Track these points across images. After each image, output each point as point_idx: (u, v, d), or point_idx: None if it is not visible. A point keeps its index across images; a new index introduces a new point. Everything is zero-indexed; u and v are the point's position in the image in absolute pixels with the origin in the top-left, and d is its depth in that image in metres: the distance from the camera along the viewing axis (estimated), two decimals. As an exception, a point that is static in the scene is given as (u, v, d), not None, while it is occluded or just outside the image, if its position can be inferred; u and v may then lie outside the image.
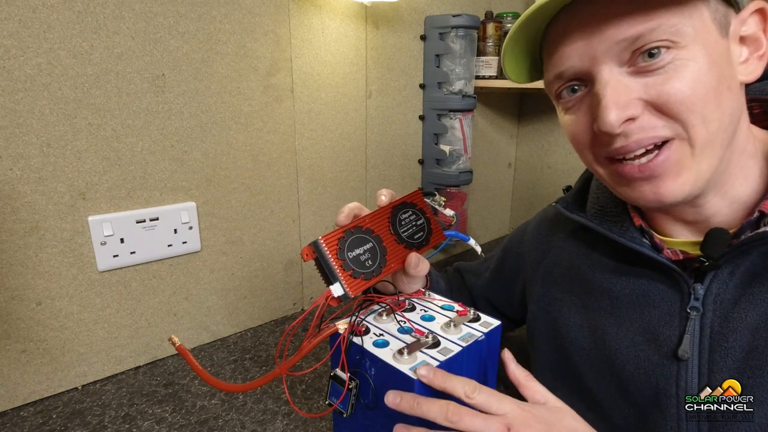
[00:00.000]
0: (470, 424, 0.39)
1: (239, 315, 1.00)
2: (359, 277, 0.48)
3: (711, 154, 0.44)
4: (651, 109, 0.43)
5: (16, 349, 0.74)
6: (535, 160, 1.60)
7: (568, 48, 0.45)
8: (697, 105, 0.42)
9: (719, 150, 0.44)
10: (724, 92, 0.43)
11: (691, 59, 0.41)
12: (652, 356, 0.50)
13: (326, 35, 1.01)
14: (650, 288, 0.52)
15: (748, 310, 0.45)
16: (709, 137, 0.43)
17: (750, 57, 0.45)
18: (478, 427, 0.39)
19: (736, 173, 0.47)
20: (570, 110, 0.49)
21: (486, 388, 0.41)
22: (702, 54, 0.42)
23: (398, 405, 0.41)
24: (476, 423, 0.39)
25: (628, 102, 0.43)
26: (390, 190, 0.55)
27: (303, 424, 0.73)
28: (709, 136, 0.43)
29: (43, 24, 0.68)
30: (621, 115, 0.42)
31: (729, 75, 0.43)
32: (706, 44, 0.42)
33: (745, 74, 0.45)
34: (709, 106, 0.42)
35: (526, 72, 0.53)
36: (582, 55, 0.44)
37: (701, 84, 0.41)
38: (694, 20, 0.41)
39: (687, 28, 0.41)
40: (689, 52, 0.41)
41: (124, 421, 0.73)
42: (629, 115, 0.43)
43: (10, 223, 0.70)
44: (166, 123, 0.82)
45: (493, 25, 1.27)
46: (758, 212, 0.45)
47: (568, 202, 0.60)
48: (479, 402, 0.40)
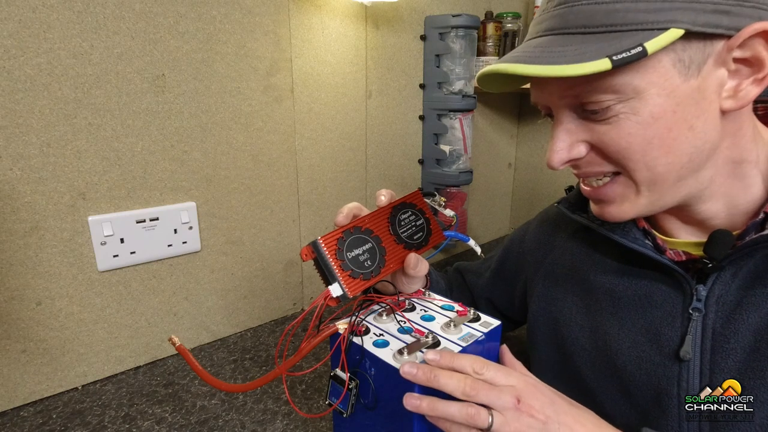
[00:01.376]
0: (485, 396, 0.41)
1: (239, 315, 1.00)
2: (358, 278, 0.48)
3: (657, 190, 0.46)
4: (595, 150, 0.47)
5: (16, 349, 0.74)
6: (535, 160, 1.60)
7: (533, 90, 0.50)
8: (635, 155, 0.44)
9: (669, 185, 0.46)
10: (681, 135, 0.43)
11: (633, 112, 0.43)
12: (653, 357, 0.50)
13: (326, 35, 1.01)
14: (652, 289, 0.52)
15: (751, 312, 0.45)
16: (655, 178, 0.45)
17: (742, 82, 0.42)
18: (492, 400, 0.41)
19: (731, 183, 0.47)
20: None
21: (493, 363, 0.44)
22: (648, 105, 0.42)
23: (415, 376, 0.42)
24: (491, 396, 0.41)
25: (573, 143, 0.47)
26: (389, 191, 0.55)
27: (303, 424, 0.73)
28: (655, 177, 0.45)
29: (43, 24, 0.68)
30: (563, 157, 0.47)
31: (692, 115, 0.42)
32: (660, 93, 0.42)
33: (733, 102, 0.43)
34: (653, 153, 0.44)
35: (508, 87, 0.55)
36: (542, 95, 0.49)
37: (640, 137, 0.43)
38: (645, 74, 0.41)
39: (631, 83, 0.41)
40: (633, 105, 0.42)
41: (124, 421, 0.73)
42: (573, 156, 0.48)
43: (10, 223, 0.70)
44: (166, 123, 0.82)
45: (493, 25, 1.27)
46: (763, 214, 0.45)
47: (570, 202, 0.60)
48: (488, 377, 0.43)
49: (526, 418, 0.41)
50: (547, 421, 0.41)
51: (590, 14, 0.41)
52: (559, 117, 0.47)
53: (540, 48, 0.43)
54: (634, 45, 0.39)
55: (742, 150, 0.46)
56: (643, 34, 0.39)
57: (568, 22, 0.43)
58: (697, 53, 0.41)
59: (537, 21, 0.47)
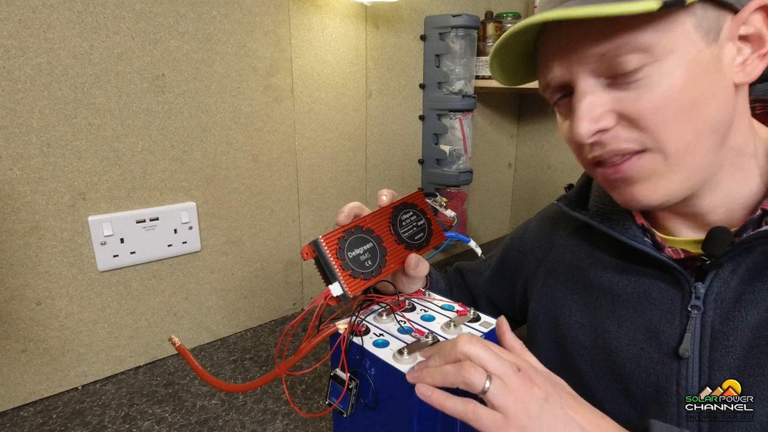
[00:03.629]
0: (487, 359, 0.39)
1: (239, 315, 1.00)
2: (358, 277, 0.48)
3: (687, 163, 0.44)
4: (625, 121, 0.44)
5: (16, 349, 0.74)
6: (535, 160, 1.60)
7: (551, 61, 0.47)
8: (668, 120, 0.42)
9: (699, 158, 0.44)
10: (707, 101, 0.43)
11: (664, 74, 0.42)
12: (652, 354, 0.50)
13: (326, 35, 1.01)
14: (651, 286, 0.52)
15: (749, 309, 0.45)
16: (684, 149, 0.44)
17: (750, 57, 0.44)
18: (494, 366, 0.39)
19: (732, 173, 0.47)
20: (563, 115, 0.50)
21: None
22: (679, 67, 0.42)
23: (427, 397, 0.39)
24: (493, 362, 0.39)
25: (601, 114, 0.44)
26: (391, 191, 0.55)
27: (303, 424, 0.73)
28: (684, 147, 0.44)
29: (43, 24, 0.68)
30: (591, 128, 0.44)
31: (715, 82, 0.43)
32: (686, 56, 0.42)
33: (744, 75, 0.44)
34: (683, 119, 0.42)
35: (517, 76, 0.54)
36: (562, 68, 0.46)
37: (672, 100, 0.42)
38: (672, 33, 0.41)
39: (660, 42, 0.41)
40: (663, 67, 0.42)
41: (124, 421, 0.73)
42: (600, 127, 0.44)
43: (10, 223, 0.70)
44: (166, 123, 0.82)
45: (493, 25, 1.27)
46: (761, 210, 0.45)
47: (570, 200, 0.61)
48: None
49: (527, 387, 0.39)
50: (548, 398, 0.40)
51: None
52: (583, 87, 0.44)
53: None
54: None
55: (742, 136, 0.47)
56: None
57: None
58: (714, 22, 0.42)
59: None
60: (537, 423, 0.38)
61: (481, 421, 0.37)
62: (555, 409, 0.39)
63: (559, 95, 0.49)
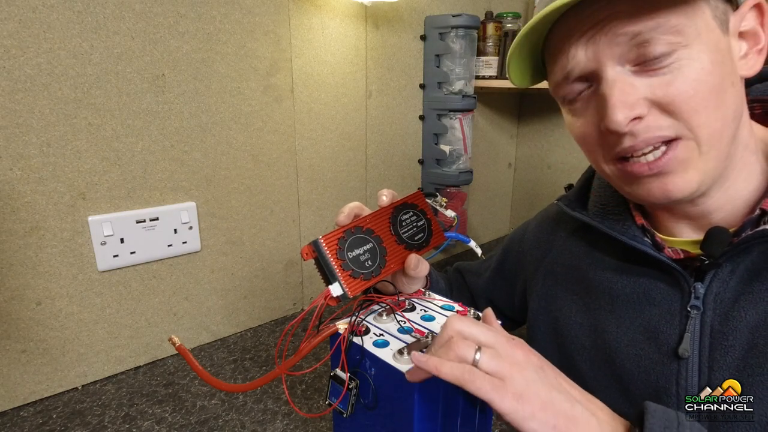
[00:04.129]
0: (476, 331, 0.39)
1: (239, 315, 1.00)
2: (358, 278, 0.48)
3: (717, 151, 0.44)
4: (657, 108, 0.43)
5: (16, 349, 0.74)
6: (535, 160, 1.60)
7: (574, 48, 0.45)
8: (700, 105, 0.42)
9: (725, 146, 0.45)
10: (728, 89, 0.43)
11: (694, 59, 0.42)
12: (652, 355, 0.50)
13: (326, 35, 1.01)
14: (651, 287, 0.52)
15: (748, 309, 0.45)
16: (714, 135, 0.43)
17: (749, 52, 0.46)
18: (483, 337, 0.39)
19: (739, 168, 0.48)
20: (577, 111, 0.49)
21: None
22: (705, 53, 0.42)
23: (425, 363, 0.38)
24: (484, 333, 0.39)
25: (634, 101, 0.43)
26: (391, 191, 0.55)
27: (303, 424, 0.73)
28: (714, 133, 0.43)
29: (43, 24, 0.68)
30: (628, 114, 0.43)
31: (731, 71, 0.44)
32: (709, 42, 0.42)
33: (746, 69, 0.45)
34: (713, 104, 0.42)
35: (528, 76, 0.54)
36: (588, 53, 0.44)
37: (704, 84, 0.42)
38: (697, 19, 0.42)
39: (689, 27, 0.41)
40: (692, 52, 0.42)
41: (124, 421, 0.73)
42: (636, 114, 0.43)
43: (10, 223, 0.70)
44: (166, 123, 0.82)
45: (493, 25, 1.27)
46: (759, 210, 0.45)
47: (570, 200, 0.61)
48: None
49: (523, 353, 0.38)
50: (543, 366, 0.39)
51: None
52: (611, 75, 0.43)
53: None
54: None
55: (747, 132, 0.48)
56: None
57: None
58: (724, 14, 0.43)
59: None
60: (534, 388, 0.36)
61: (476, 383, 0.35)
62: (551, 378, 0.38)
63: (581, 88, 0.47)
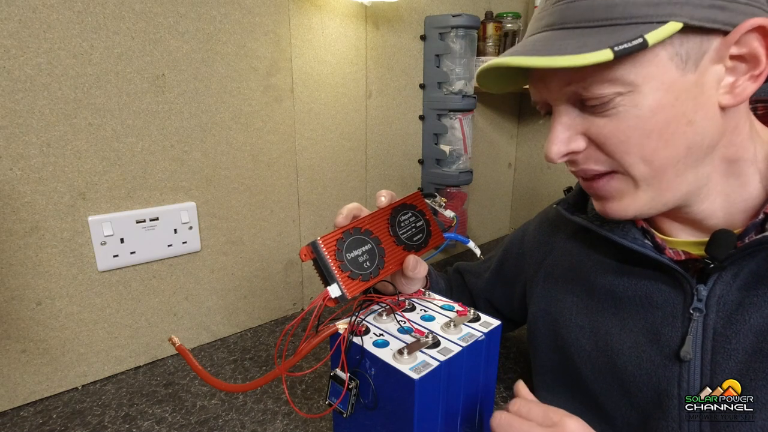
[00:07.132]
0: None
1: (239, 315, 1.00)
2: (357, 279, 0.48)
3: (660, 183, 0.46)
4: (594, 144, 0.47)
5: (16, 349, 0.74)
6: (535, 160, 1.60)
7: (533, 83, 0.50)
8: (633, 148, 0.44)
9: (670, 179, 0.46)
10: (679, 127, 0.43)
11: (635, 104, 0.43)
12: (654, 357, 0.50)
13: (326, 35, 1.01)
14: (653, 289, 0.52)
15: (752, 313, 0.45)
16: (654, 173, 0.45)
17: (739, 78, 0.43)
18: None
19: (724, 181, 0.47)
20: None
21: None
22: (649, 98, 0.42)
23: None
24: None
25: (572, 137, 0.47)
26: (390, 191, 0.55)
27: (303, 424, 0.73)
28: (653, 172, 0.45)
29: (43, 24, 0.68)
30: (562, 150, 0.47)
31: (690, 108, 0.43)
32: (659, 86, 0.42)
33: (731, 98, 0.43)
34: (652, 146, 0.44)
35: (510, 85, 0.55)
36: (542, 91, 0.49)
37: (639, 130, 0.43)
38: (642, 67, 0.42)
39: (632, 75, 0.42)
40: (634, 97, 0.43)
41: (124, 421, 0.73)
42: (571, 149, 0.47)
43: (10, 223, 0.70)
44: (166, 123, 0.82)
45: (493, 25, 1.27)
46: (763, 214, 0.45)
47: (568, 203, 0.61)
48: None
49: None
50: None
51: (590, 9, 0.42)
52: (559, 111, 0.47)
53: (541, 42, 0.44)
54: (635, 36, 0.39)
55: (738, 147, 0.47)
56: (642, 27, 0.40)
57: (567, 18, 0.43)
58: (695, 48, 0.42)
59: (536, 18, 0.48)
60: None
61: None
62: None
63: (544, 111, 0.52)
